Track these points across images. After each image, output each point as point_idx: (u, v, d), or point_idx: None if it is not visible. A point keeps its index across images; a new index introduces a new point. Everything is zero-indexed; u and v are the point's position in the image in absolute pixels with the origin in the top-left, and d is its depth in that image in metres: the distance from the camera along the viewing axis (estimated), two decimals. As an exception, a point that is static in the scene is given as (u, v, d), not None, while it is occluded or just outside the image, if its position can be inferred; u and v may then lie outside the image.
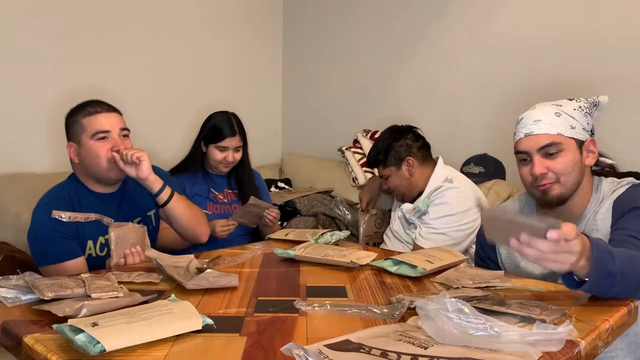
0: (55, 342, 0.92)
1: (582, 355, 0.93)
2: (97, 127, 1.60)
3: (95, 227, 1.61)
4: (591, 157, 1.44)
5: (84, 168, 1.64)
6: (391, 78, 3.09)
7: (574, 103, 1.43)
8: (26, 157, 2.52)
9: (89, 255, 1.62)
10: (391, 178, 2.17)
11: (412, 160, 2.13)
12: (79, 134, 1.61)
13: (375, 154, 2.19)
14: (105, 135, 1.60)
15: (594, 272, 1.04)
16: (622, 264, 1.07)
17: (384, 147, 2.16)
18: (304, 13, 3.52)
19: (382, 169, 2.19)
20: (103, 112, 1.62)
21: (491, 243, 1.40)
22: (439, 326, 0.89)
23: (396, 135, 2.18)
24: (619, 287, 1.10)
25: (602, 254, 1.05)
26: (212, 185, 2.27)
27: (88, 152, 1.60)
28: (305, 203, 2.85)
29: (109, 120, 1.62)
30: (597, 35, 2.32)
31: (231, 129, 2.18)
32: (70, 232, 1.58)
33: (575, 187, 1.41)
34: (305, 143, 3.55)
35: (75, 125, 1.62)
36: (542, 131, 1.39)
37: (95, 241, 1.63)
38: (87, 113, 1.61)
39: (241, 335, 0.97)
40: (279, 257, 1.55)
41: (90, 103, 1.65)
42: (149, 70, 2.93)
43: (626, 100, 2.17)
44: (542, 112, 1.41)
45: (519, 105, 2.54)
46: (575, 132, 1.40)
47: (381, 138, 2.23)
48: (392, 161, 2.15)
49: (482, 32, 2.69)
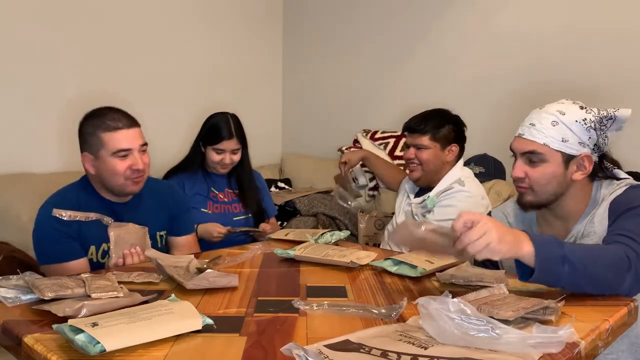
0: (55, 342, 0.92)
1: (582, 356, 0.93)
2: (118, 146, 1.55)
3: (100, 233, 1.59)
4: (580, 172, 1.38)
5: (100, 180, 1.61)
6: (391, 78, 3.09)
7: (581, 114, 1.35)
8: (30, 157, 2.52)
9: (89, 260, 1.60)
10: (428, 152, 2.02)
11: (455, 149, 2.05)
12: (98, 148, 1.56)
13: (426, 120, 2.02)
14: (126, 154, 1.56)
15: (538, 255, 1.10)
16: (574, 248, 1.13)
17: (442, 120, 2.03)
18: (304, 13, 3.52)
19: (426, 139, 2.02)
20: (124, 129, 1.56)
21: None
22: (440, 326, 0.89)
23: (457, 119, 2.08)
24: (590, 277, 1.13)
25: (543, 240, 1.13)
26: (212, 185, 2.26)
27: (106, 167, 1.56)
28: (305, 203, 2.85)
29: (130, 138, 1.57)
30: (598, 34, 2.32)
31: (228, 132, 2.17)
32: (73, 233, 1.56)
33: (552, 199, 1.40)
34: (305, 143, 3.55)
35: (93, 139, 1.57)
36: (531, 137, 1.37)
37: (97, 247, 1.61)
38: (107, 127, 1.55)
39: (241, 335, 0.97)
40: (279, 257, 1.55)
41: (108, 114, 1.59)
42: (150, 70, 2.93)
43: (627, 99, 2.17)
44: (541, 117, 1.37)
45: (519, 105, 2.54)
46: (565, 146, 1.35)
47: (439, 111, 2.08)
48: (441, 138, 2.02)
49: (483, 32, 2.69)
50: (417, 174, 2.07)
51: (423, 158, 2.03)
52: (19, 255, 2.03)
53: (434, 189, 2.04)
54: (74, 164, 2.16)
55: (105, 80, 2.72)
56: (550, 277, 1.14)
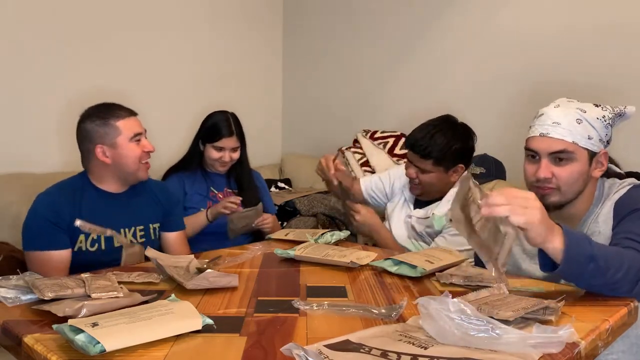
0: (55, 342, 0.92)
1: (582, 356, 0.93)
2: (135, 130, 1.69)
3: (92, 223, 1.65)
4: (599, 169, 1.39)
5: (114, 168, 1.69)
6: (391, 78, 3.09)
7: (599, 111, 1.36)
8: (29, 157, 2.52)
9: (78, 248, 1.64)
10: (430, 175, 1.89)
11: (461, 169, 1.91)
12: (113, 136, 1.66)
13: (431, 142, 1.85)
14: (140, 138, 1.71)
15: (567, 252, 1.09)
16: (602, 249, 1.11)
17: (448, 140, 1.86)
18: (304, 13, 3.52)
19: (429, 163, 1.87)
20: (132, 116, 1.71)
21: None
22: (440, 326, 0.89)
23: (462, 136, 1.91)
24: (605, 275, 1.12)
25: (575, 237, 1.11)
26: (211, 184, 2.27)
27: (126, 152, 1.67)
28: (305, 203, 2.85)
29: (139, 123, 1.72)
30: (598, 34, 2.32)
31: (228, 130, 2.18)
32: (63, 224, 1.61)
33: (574, 197, 1.39)
34: (305, 143, 3.55)
35: (106, 128, 1.66)
36: (559, 136, 1.34)
37: (87, 236, 1.65)
38: (120, 115, 1.68)
39: (241, 336, 0.97)
40: (279, 257, 1.55)
41: (113, 106, 1.71)
42: (150, 70, 2.93)
43: (627, 98, 2.17)
44: (563, 115, 1.35)
45: (519, 105, 2.55)
46: (590, 143, 1.35)
47: (446, 126, 1.90)
48: (446, 163, 1.88)
49: (483, 32, 2.69)
50: (418, 192, 1.98)
51: (424, 180, 1.92)
52: (19, 255, 2.02)
53: (438, 205, 1.94)
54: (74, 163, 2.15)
55: (105, 80, 2.72)
56: (580, 274, 1.13)
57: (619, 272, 1.13)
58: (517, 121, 2.57)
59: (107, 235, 1.66)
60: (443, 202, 1.93)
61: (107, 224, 1.67)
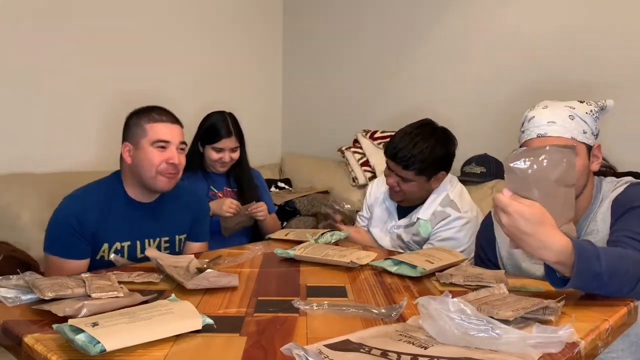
0: (55, 342, 0.92)
1: (582, 355, 0.93)
2: (159, 136, 1.62)
3: (116, 232, 1.62)
4: (596, 162, 1.40)
5: (134, 170, 1.64)
6: (391, 78, 3.10)
7: (585, 106, 1.38)
8: (29, 157, 2.52)
9: (101, 257, 1.62)
10: (412, 184, 1.87)
11: (442, 175, 1.89)
12: (139, 137, 1.62)
13: (412, 152, 1.82)
14: (165, 145, 1.62)
15: (577, 273, 1.06)
16: (609, 264, 1.08)
17: (430, 150, 1.82)
18: (304, 13, 3.52)
19: (411, 174, 1.84)
20: (167, 123, 1.65)
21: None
22: (440, 326, 0.89)
23: (443, 142, 1.87)
24: (608, 287, 1.11)
25: (586, 255, 1.07)
26: (211, 184, 2.27)
27: (145, 156, 1.61)
28: (305, 203, 2.85)
29: (171, 131, 1.64)
30: (599, 34, 2.32)
31: (227, 130, 2.19)
32: (87, 234, 1.58)
33: (580, 192, 1.39)
34: (305, 143, 3.55)
35: (136, 127, 1.63)
36: (557, 134, 1.34)
37: (111, 245, 1.62)
38: (152, 119, 1.63)
39: (241, 335, 0.97)
40: (279, 257, 1.55)
41: (155, 109, 1.67)
42: (150, 69, 2.93)
43: (627, 100, 2.17)
44: (556, 114, 1.36)
45: (519, 105, 2.54)
46: (585, 137, 1.36)
47: (426, 133, 1.86)
48: (427, 172, 1.85)
49: (483, 32, 2.69)
50: (399, 199, 1.95)
51: (406, 189, 1.89)
52: (19, 255, 2.03)
53: (422, 210, 1.91)
54: (75, 163, 2.17)
55: (105, 79, 2.72)
56: (585, 290, 1.14)
57: (622, 280, 1.12)
58: (517, 121, 2.56)
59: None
60: (425, 206, 1.91)
61: (132, 235, 1.64)
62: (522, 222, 1.05)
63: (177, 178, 1.66)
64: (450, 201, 1.90)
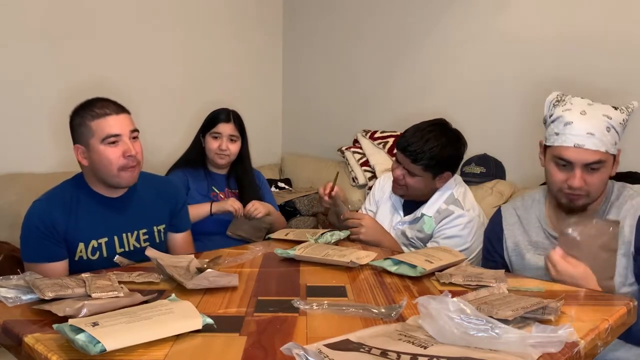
0: (55, 341, 0.92)
1: (582, 355, 0.93)
2: (107, 131, 1.51)
3: (89, 230, 1.57)
4: (616, 168, 1.43)
5: (94, 172, 1.56)
6: (391, 78, 3.10)
7: (619, 115, 1.38)
8: (29, 157, 2.52)
9: (79, 257, 1.56)
10: (418, 179, 1.86)
11: (448, 175, 1.90)
12: (88, 137, 1.53)
13: (423, 146, 1.82)
14: (115, 140, 1.52)
15: None
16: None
17: (440, 148, 1.83)
18: (304, 13, 3.52)
19: (419, 169, 1.85)
20: (112, 115, 1.53)
21: None
22: (439, 325, 0.89)
23: (454, 143, 1.88)
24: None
25: None
26: (212, 184, 2.27)
27: (99, 156, 1.52)
28: (305, 203, 2.85)
29: (119, 123, 1.53)
30: (599, 34, 2.32)
31: (226, 116, 2.21)
32: (58, 236, 1.53)
33: (598, 197, 1.43)
34: (305, 143, 3.55)
35: (82, 128, 1.54)
36: (594, 147, 1.35)
37: (87, 244, 1.57)
38: (95, 115, 1.52)
39: (241, 335, 0.97)
40: (279, 257, 1.55)
41: (96, 103, 1.55)
42: (149, 69, 2.93)
43: (627, 101, 2.17)
44: (594, 125, 1.35)
45: (519, 106, 2.55)
46: (615, 148, 1.39)
47: (439, 131, 1.87)
48: (434, 169, 1.85)
49: (484, 33, 2.69)
50: (401, 192, 1.95)
51: (410, 184, 1.89)
52: (19, 255, 2.03)
53: (426, 206, 1.91)
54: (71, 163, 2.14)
55: (105, 77, 2.72)
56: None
57: None
58: (517, 121, 2.58)
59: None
60: (430, 203, 1.91)
61: (107, 231, 1.59)
62: (567, 279, 1.26)
63: (139, 168, 1.58)
64: (455, 199, 1.90)
